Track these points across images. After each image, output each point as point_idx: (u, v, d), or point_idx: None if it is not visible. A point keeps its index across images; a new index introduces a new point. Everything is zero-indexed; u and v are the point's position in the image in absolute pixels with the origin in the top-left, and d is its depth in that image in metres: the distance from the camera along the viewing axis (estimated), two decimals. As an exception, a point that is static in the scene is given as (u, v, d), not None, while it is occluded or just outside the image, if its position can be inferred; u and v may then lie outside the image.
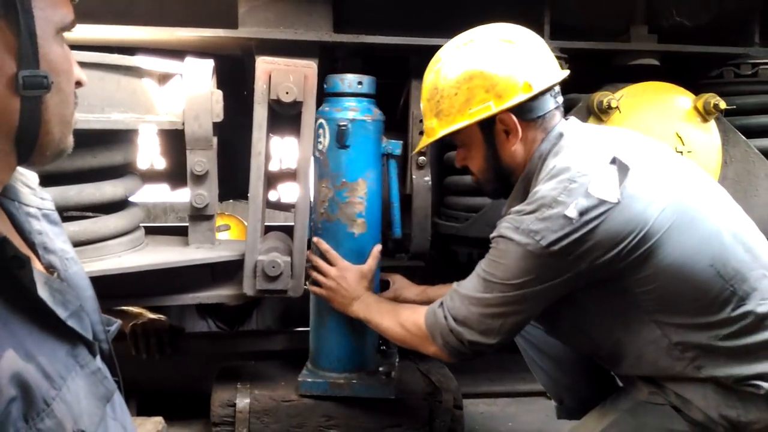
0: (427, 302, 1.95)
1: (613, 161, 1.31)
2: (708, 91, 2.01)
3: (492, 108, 1.39)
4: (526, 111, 1.41)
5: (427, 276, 2.86)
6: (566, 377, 1.76)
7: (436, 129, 1.48)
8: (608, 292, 1.33)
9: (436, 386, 1.95)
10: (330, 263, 1.77)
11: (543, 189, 1.32)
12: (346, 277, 1.74)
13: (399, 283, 1.99)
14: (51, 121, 0.78)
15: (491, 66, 1.40)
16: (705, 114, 1.98)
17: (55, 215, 0.90)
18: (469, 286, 1.42)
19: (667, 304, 1.31)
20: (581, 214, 1.25)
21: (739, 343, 1.29)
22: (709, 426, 1.33)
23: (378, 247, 1.85)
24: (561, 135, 1.42)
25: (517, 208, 1.35)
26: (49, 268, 0.85)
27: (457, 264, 2.51)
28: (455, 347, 1.43)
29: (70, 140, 0.83)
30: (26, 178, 0.88)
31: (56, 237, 0.88)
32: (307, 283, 1.87)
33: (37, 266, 0.81)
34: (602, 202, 1.26)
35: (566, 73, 1.48)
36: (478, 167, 1.52)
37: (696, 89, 2.05)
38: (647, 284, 1.29)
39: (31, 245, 0.84)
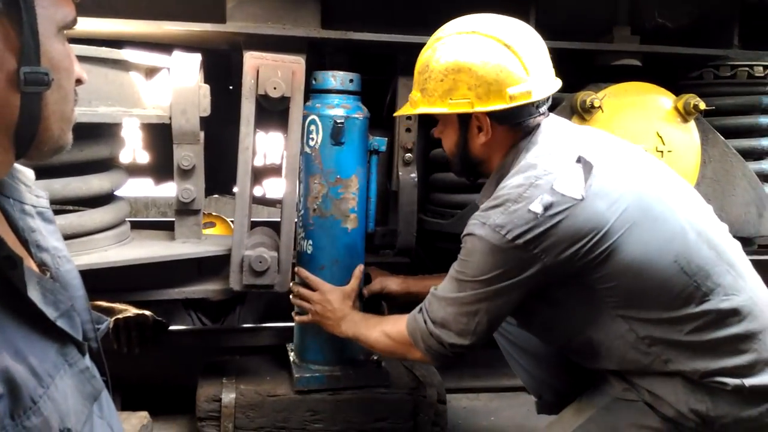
0: (408, 293, 1.99)
1: (579, 160, 1.35)
2: (688, 91, 2.04)
3: (469, 106, 1.42)
4: (502, 116, 1.43)
5: (412, 272, 2.88)
6: (544, 373, 1.79)
7: (418, 103, 1.51)
8: (575, 288, 1.36)
9: (420, 381, 1.97)
10: (312, 289, 1.80)
11: (509, 185, 1.36)
12: (331, 299, 1.76)
13: (377, 275, 2.00)
14: (50, 118, 0.78)
15: (482, 66, 1.40)
16: (685, 114, 2.02)
17: (50, 213, 0.90)
18: (446, 287, 1.45)
19: (631, 300, 1.34)
20: (546, 209, 1.29)
21: (703, 338, 1.32)
22: (680, 421, 1.36)
23: (360, 267, 1.88)
24: (536, 134, 1.46)
25: (484, 204, 1.39)
26: (42, 265, 0.85)
27: (442, 260, 2.54)
28: (437, 350, 1.45)
29: (69, 137, 0.83)
30: (23, 175, 0.88)
31: (50, 235, 0.88)
32: (292, 313, 1.90)
33: (29, 264, 0.81)
34: (566, 198, 1.30)
35: (557, 86, 1.49)
36: (448, 147, 1.57)
37: (676, 90, 2.09)
38: (609, 281, 1.32)
39: (24, 242, 0.85)
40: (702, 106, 1.99)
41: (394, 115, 1.77)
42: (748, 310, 1.34)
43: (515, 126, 1.45)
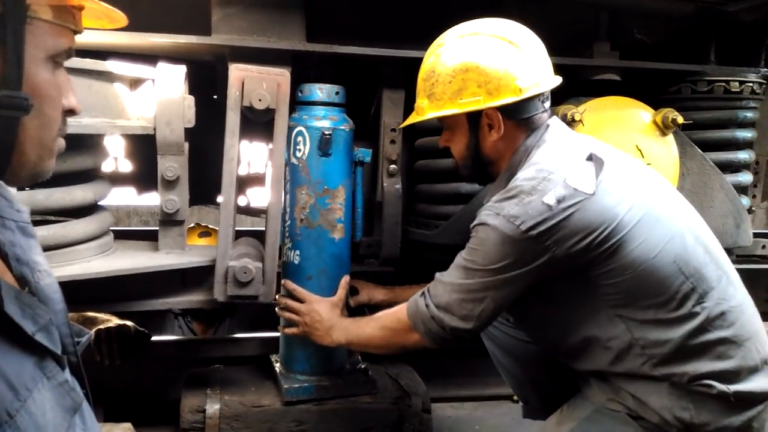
0: (395, 302, 2.00)
1: (590, 158, 1.40)
2: (667, 106, 2.09)
3: (481, 103, 1.45)
4: (512, 111, 1.47)
5: (397, 282, 2.89)
6: (531, 378, 1.81)
7: (426, 109, 1.53)
8: (576, 285, 1.40)
9: (405, 390, 1.98)
10: (300, 301, 1.82)
11: (522, 177, 1.40)
12: (318, 309, 1.77)
13: (363, 287, 2.03)
14: (26, 143, 0.79)
15: (488, 63, 1.44)
16: (663, 128, 2.06)
17: (30, 228, 0.90)
18: (452, 273, 1.48)
19: (631, 298, 1.37)
20: (559, 201, 1.33)
21: (695, 341, 1.35)
22: (663, 428, 1.38)
23: (347, 278, 1.90)
24: (545, 132, 1.49)
25: (496, 197, 1.42)
26: (21, 280, 0.85)
27: (427, 270, 2.55)
28: (437, 333, 1.48)
29: (49, 164, 0.84)
30: (4, 189, 0.88)
31: (30, 249, 0.88)
32: (279, 327, 1.91)
33: (8, 279, 0.81)
34: (578, 192, 1.33)
35: (558, 80, 1.54)
36: (458, 152, 1.58)
37: (655, 104, 2.13)
38: (613, 277, 1.35)
39: (4, 257, 0.85)
40: (680, 120, 2.04)
41: (400, 127, 1.77)
42: (737, 317, 1.38)
43: (524, 121, 1.50)
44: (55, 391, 0.79)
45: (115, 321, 2.25)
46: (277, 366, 2.01)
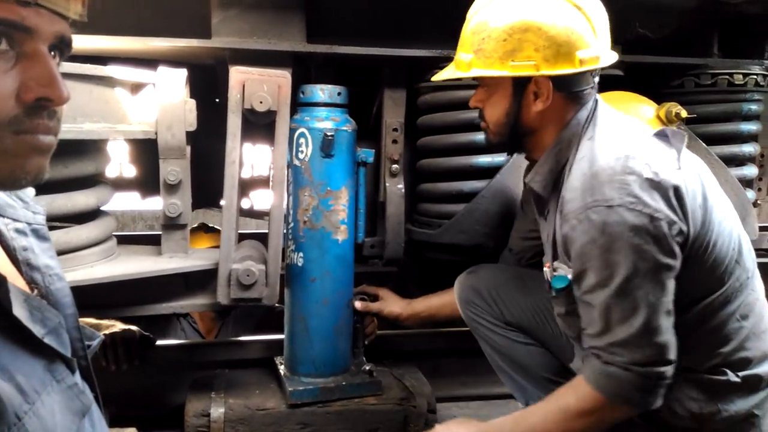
0: (413, 316, 2.00)
1: (659, 134, 1.34)
2: (670, 100, 2.07)
3: (534, 69, 1.33)
4: (565, 83, 1.37)
5: (400, 281, 2.89)
6: (532, 381, 1.79)
7: (470, 64, 1.39)
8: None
9: (410, 391, 1.97)
10: None
11: (605, 165, 1.27)
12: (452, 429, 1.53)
13: (386, 297, 2.05)
14: None
15: (552, 26, 1.32)
16: (667, 122, 2.05)
17: (45, 230, 0.90)
18: (600, 315, 1.27)
19: (694, 283, 1.30)
20: (658, 180, 1.23)
21: (724, 330, 1.33)
22: (671, 422, 1.37)
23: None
24: (595, 107, 1.41)
25: (589, 198, 1.26)
26: (32, 284, 0.85)
27: (431, 270, 2.54)
28: (641, 386, 1.26)
29: (27, 165, 0.75)
30: (22, 191, 0.88)
31: (43, 252, 0.88)
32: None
33: (18, 283, 0.81)
34: (669, 168, 1.26)
35: (615, 57, 1.43)
36: (494, 117, 1.46)
37: (658, 98, 2.11)
38: (695, 259, 1.29)
39: (15, 260, 0.85)
40: (684, 114, 2.02)
41: (435, 79, 1.55)
42: (760, 308, 1.38)
43: (574, 95, 1.39)
44: (64, 394, 0.79)
45: (119, 326, 2.25)
46: (282, 368, 2.01)
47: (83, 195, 1.71)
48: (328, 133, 1.83)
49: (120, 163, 2.78)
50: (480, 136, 2.04)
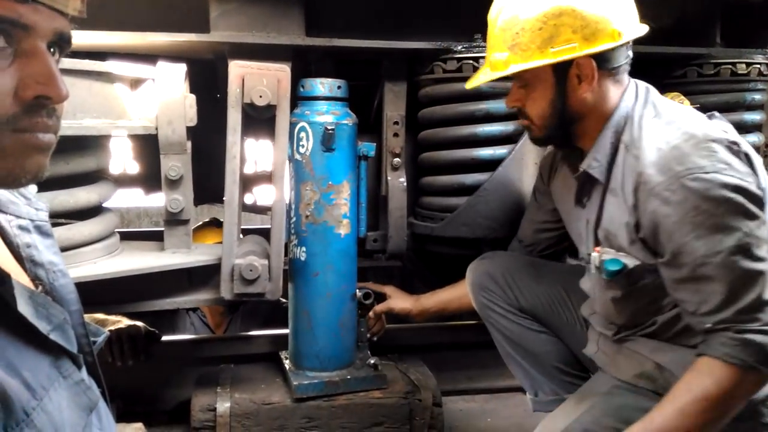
0: (422, 313, 2.00)
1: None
2: (673, 90, 2.06)
3: (576, 50, 1.33)
4: (605, 59, 1.36)
5: (404, 276, 2.89)
6: (542, 370, 1.79)
7: (508, 62, 1.38)
8: None
9: (415, 384, 1.97)
10: None
11: (685, 135, 1.28)
12: None
13: (393, 294, 2.05)
14: None
15: (585, 5, 1.32)
16: None
17: (48, 226, 0.90)
18: (721, 285, 1.22)
19: None
20: (735, 149, 1.27)
21: None
22: None
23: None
24: (647, 89, 1.43)
25: (679, 168, 1.24)
26: (36, 280, 0.85)
27: (434, 264, 2.54)
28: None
29: (24, 162, 0.74)
30: (25, 187, 0.88)
31: (46, 249, 0.88)
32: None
33: (22, 280, 0.81)
34: (735, 140, 1.29)
35: (646, 28, 1.43)
36: (539, 110, 1.44)
37: (661, 89, 2.08)
38: None
39: (19, 257, 0.85)
40: (687, 104, 2.00)
41: (472, 86, 1.52)
42: None
43: (614, 71, 1.39)
44: (71, 390, 0.79)
45: (125, 322, 2.26)
46: (287, 363, 2.01)
47: (85, 191, 1.71)
48: (329, 127, 1.83)
49: (123, 159, 2.78)
50: (482, 128, 2.04)
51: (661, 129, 1.33)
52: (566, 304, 1.75)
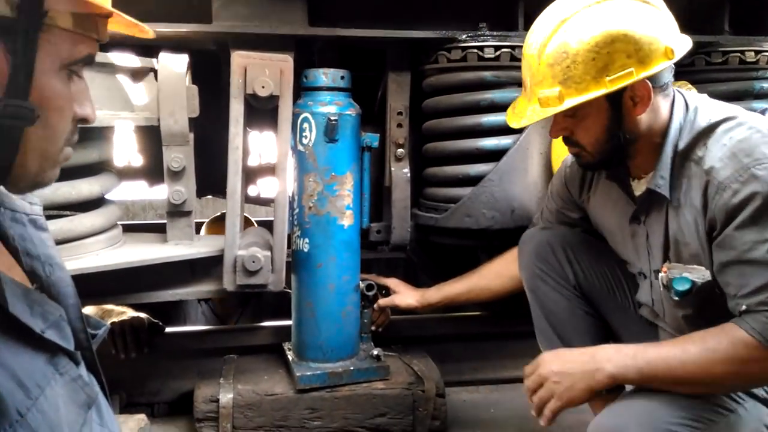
0: (428, 307, 1.99)
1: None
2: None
3: (634, 75, 1.31)
4: (657, 78, 1.36)
5: (409, 267, 2.88)
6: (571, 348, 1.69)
7: (562, 96, 1.35)
8: None
9: (418, 375, 1.97)
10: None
11: (748, 130, 1.31)
12: (546, 359, 1.41)
13: (398, 289, 2.05)
14: (29, 154, 0.75)
15: (635, 28, 1.31)
16: None
17: (42, 221, 0.90)
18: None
19: None
20: None
21: None
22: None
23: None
24: (683, 91, 1.44)
25: (747, 160, 1.27)
26: (31, 274, 0.85)
27: (439, 255, 2.53)
28: None
29: (51, 174, 0.81)
30: None
31: (41, 242, 0.88)
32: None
33: (16, 274, 0.81)
34: None
35: (690, 39, 1.44)
36: (593, 138, 1.42)
37: (669, 77, 2.07)
38: None
39: (14, 251, 0.84)
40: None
41: (523, 125, 1.46)
42: None
43: (663, 86, 1.40)
44: (68, 387, 0.79)
45: (130, 313, 2.27)
46: (290, 354, 2.01)
47: (87, 183, 1.71)
48: (332, 118, 1.81)
49: (128, 152, 2.78)
50: (486, 118, 2.03)
51: (719, 127, 1.35)
52: (621, 285, 1.69)
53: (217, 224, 2.76)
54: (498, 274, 1.93)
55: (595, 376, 1.31)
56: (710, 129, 1.37)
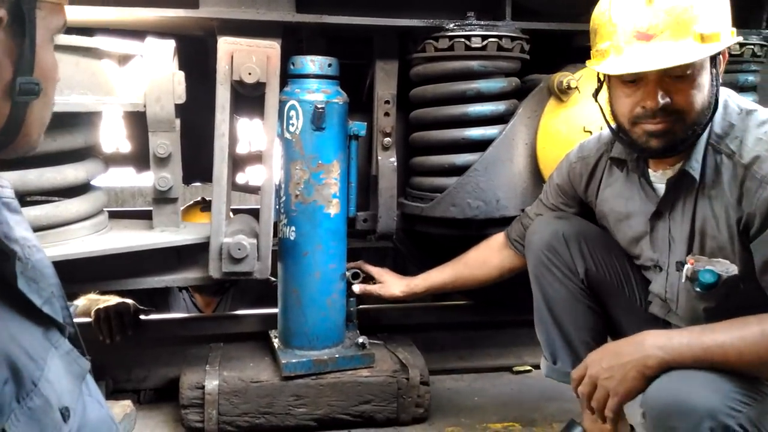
0: (412, 296, 2.00)
1: None
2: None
3: (733, 35, 1.32)
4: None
5: (396, 256, 2.89)
6: (572, 343, 1.70)
7: (718, 36, 1.27)
8: None
9: (403, 363, 1.98)
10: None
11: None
12: (596, 358, 1.36)
13: (384, 279, 2.05)
14: (32, 125, 0.81)
15: None
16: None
17: (15, 203, 0.90)
18: None
19: None
20: None
21: None
22: None
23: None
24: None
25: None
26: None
27: (426, 244, 2.54)
28: None
29: (40, 140, 0.86)
30: None
31: (17, 225, 0.88)
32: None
33: None
34: None
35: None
36: (701, 102, 1.33)
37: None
38: None
39: None
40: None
41: (661, 66, 1.27)
42: None
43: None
44: (63, 359, 0.82)
45: (115, 300, 2.27)
46: (276, 341, 2.02)
47: (72, 168, 1.70)
48: (319, 106, 1.81)
49: (116, 138, 2.76)
50: (473, 108, 2.03)
51: (750, 120, 1.35)
52: (630, 280, 1.69)
53: (191, 212, 2.75)
54: (483, 263, 1.95)
55: (647, 363, 1.27)
56: (744, 121, 1.35)
